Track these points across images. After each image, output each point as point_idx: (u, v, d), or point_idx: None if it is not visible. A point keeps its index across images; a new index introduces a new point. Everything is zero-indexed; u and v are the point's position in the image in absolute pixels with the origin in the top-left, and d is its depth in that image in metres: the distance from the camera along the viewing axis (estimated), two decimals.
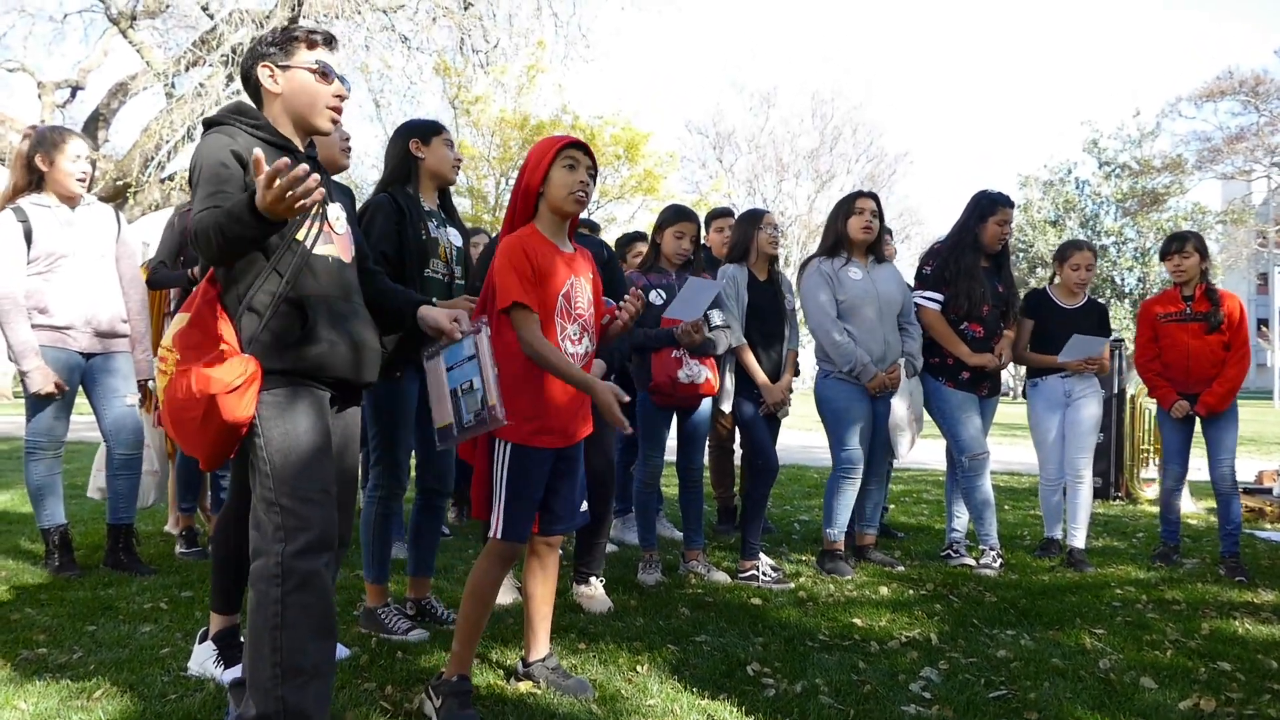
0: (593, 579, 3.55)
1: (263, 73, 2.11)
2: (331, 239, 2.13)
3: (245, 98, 2.22)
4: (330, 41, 2.15)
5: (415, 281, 3.02)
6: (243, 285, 2.00)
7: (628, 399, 2.35)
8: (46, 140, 3.62)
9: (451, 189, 3.40)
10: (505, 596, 3.42)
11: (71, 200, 3.70)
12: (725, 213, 5.14)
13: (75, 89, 16.65)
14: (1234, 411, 4.52)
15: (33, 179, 3.63)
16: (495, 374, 2.18)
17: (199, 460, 2.01)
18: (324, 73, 2.12)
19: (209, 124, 2.11)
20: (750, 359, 4.05)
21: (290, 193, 1.76)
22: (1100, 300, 4.78)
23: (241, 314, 1.98)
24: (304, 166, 1.75)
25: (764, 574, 3.94)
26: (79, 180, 3.65)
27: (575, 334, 2.45)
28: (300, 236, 2.05)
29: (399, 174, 3.16)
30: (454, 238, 3.25)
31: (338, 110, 2.16)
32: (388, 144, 3.25)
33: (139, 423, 3.89)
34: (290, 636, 1.88)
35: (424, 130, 3.19)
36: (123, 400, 3.81)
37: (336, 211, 2.19)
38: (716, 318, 3.91)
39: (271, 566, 1.90)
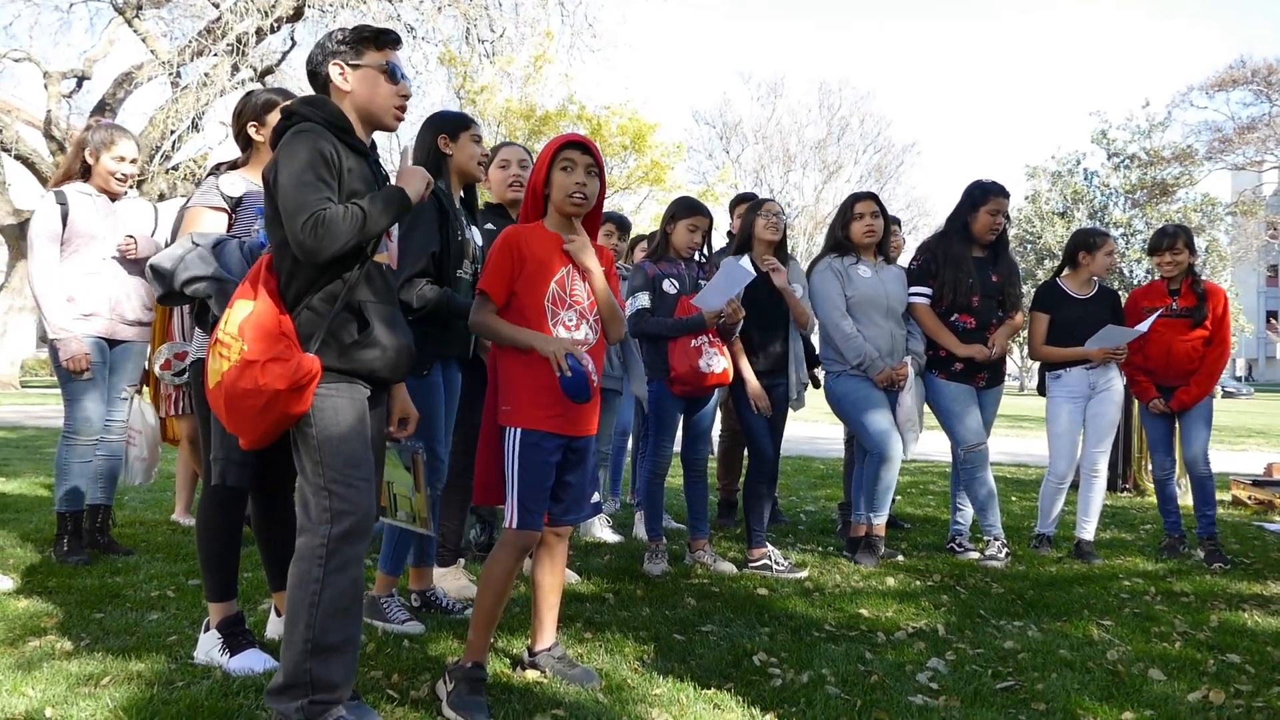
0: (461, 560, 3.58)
1: (333, 70, 2.19)
2: (387, 247, 2.25)
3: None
4: (397, 43, 2.25)
5: (451, 281, 3.04)
6: (301, 282, 2.09)
7: (587, 366, 2.36)
8: (98, 137, 3.79)
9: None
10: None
11: (113, 195, 3.83)
12: (749, 199, 5.08)
13: (81, 79, 16.68)
14: (1209, 402, 4.51)
15: (83, 167, 3.79)
16: (429, 493, 2.67)
17: (241, 439, 2.14)
18: (391, 73, 2.21)
19: (289, 114, 2.16)
20: (742, 359, 4.03)
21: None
22: (1112, 289, 4.71)
23: (301, 311, 2.09)
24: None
25: (776, 562, 3.93)
26: (119, 180, 3.79)
27: (572, 320, 2.46)
28: None
29: (430, 170, 3.01)
30: (476, 236, 3.25)
31: (402, 109, 2.25)
32: (416, 135, 3.19)
33: (126, 414, 4.00)
34: (323, 614, 2.03)
35: (452, 125, 3.12)
36: (120, 393, 3.92)
37: None
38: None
39: (317, 547, 2.05)
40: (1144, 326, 4.39)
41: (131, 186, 3.95)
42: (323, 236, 1.99)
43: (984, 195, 4.35)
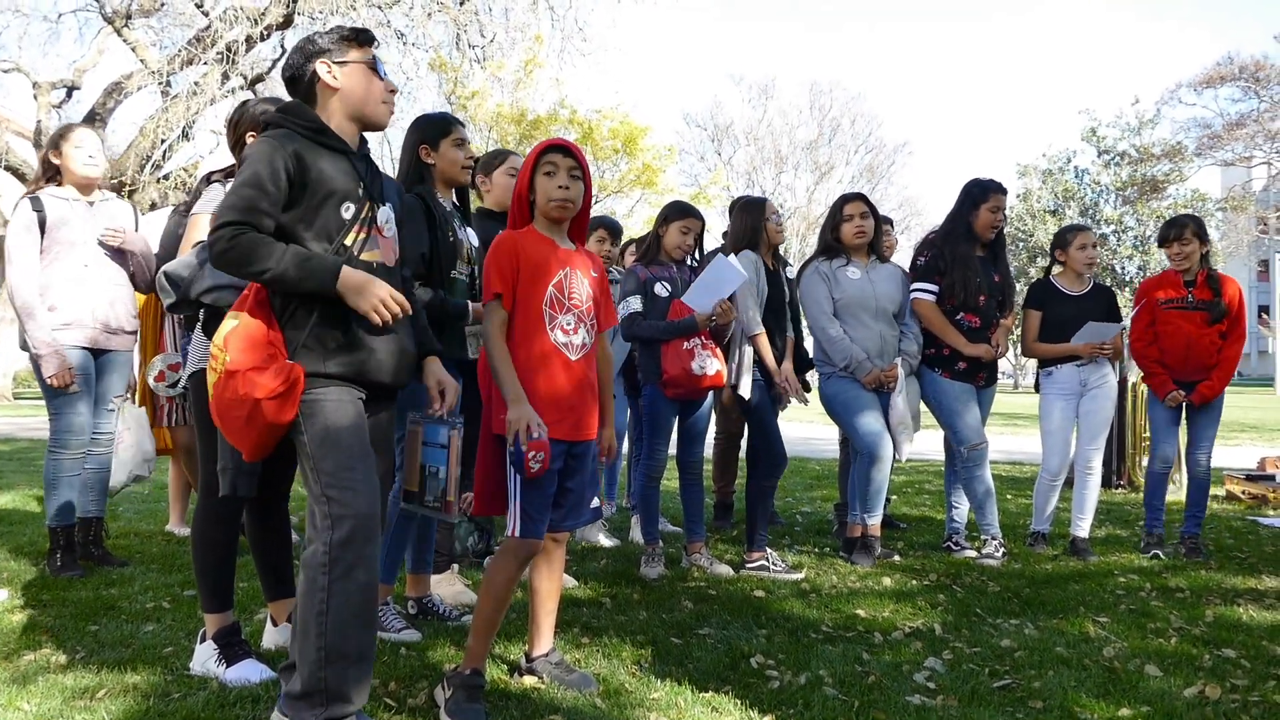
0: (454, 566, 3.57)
1: (321, 68, 2.18)
2: (379, 244, 2.22)
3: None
4: (374, 41, 2.27)
5: (444, 283, 3.04)
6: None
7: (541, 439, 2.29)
8: (54, 136, 3.81)
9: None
10: (469, 595, 3.43)
11: (88, 189, 3.80)
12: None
13: (71, 89, 16.60)
14: (1221, 398, 4.51)
15: (50, 175, 3.79)
16: (459, 473, 2.41)
17: (243, 452, 2.14)
18: (376, 69, 2.23)
19: (266, 124, 2.19)
20: (766, 345, 4.04)
21: (379, 311, 2.05)
22: (1107, 285, 4.72)
23: (287, 317, 2.08)
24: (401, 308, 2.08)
25: (774, 564, 3.93)
26: (87, 163, 3.75)
27: (570, 324, 2.45)
28: (349, 242, 2.15)
29: (413, 177, 3.13)
30: (472, 237, 3.26)
31: (390, 105, 2.27)
32: (404, 138, 3.22)
33: (115, 425, 3.95)
34: (335, 622, 2.01)
35: (432, 134, 3.13)
36: (107, 404, 3.88)
37: (387, 214, 2.26)
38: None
39: (320, 555, 2.03)
40: (1125, 323, 4.41)
41: (104, 185, 3.93)
42: (223, 252, 2.00)
43: (983, 193, 4.38)
